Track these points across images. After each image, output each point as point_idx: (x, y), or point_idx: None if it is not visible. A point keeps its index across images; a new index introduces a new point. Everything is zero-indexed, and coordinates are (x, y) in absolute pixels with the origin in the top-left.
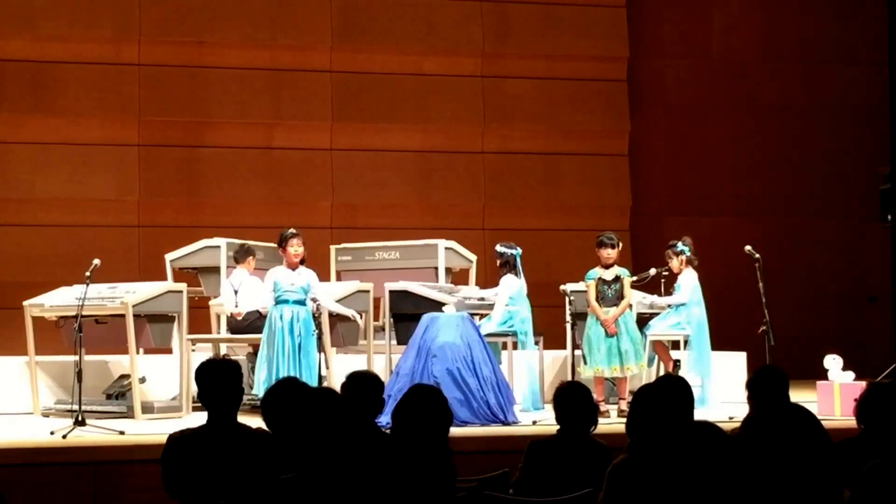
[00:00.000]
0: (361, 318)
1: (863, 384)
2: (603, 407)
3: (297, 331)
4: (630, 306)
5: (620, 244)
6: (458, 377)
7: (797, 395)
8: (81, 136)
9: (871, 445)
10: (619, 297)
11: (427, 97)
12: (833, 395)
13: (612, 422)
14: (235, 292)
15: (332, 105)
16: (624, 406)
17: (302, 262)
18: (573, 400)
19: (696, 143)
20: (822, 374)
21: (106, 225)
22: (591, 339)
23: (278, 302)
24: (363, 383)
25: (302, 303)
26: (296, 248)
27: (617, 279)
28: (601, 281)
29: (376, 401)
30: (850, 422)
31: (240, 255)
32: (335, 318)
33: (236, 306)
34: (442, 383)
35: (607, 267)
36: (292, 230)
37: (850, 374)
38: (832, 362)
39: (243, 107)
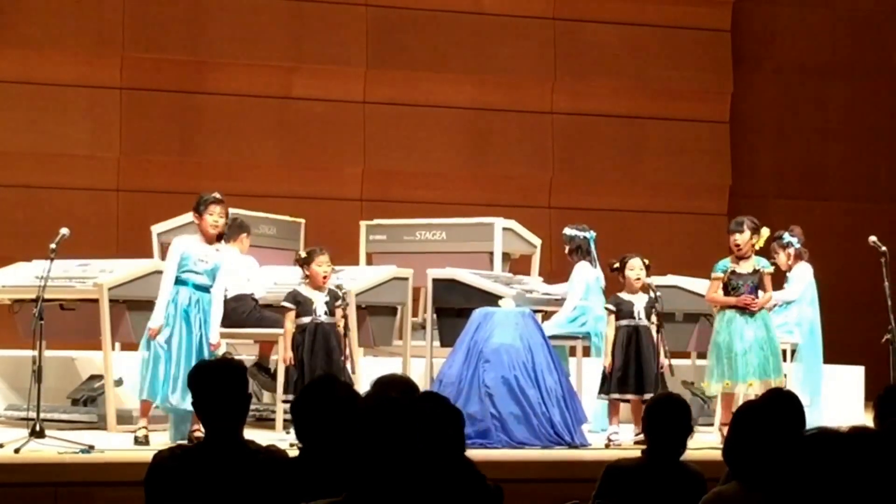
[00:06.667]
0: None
1: None
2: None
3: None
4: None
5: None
6: (515, 387)
7: None
8: (47, 74)
9: None
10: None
11: (485, 41)
12: None
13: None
14: None
15: (367, 47)
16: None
17: (220, 236)
18: (670, 417)
19: (813, 110)
20: None
21: (77, 187)
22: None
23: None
24: (393, 391)
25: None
26: (216, 217)
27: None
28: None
29: None
30: None
31: (230, 231)
32: (364, 311)
33: (225, 296)
34: (495, 395)
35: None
36: (216, 195)
37: None
38: None
39: (255, 45)
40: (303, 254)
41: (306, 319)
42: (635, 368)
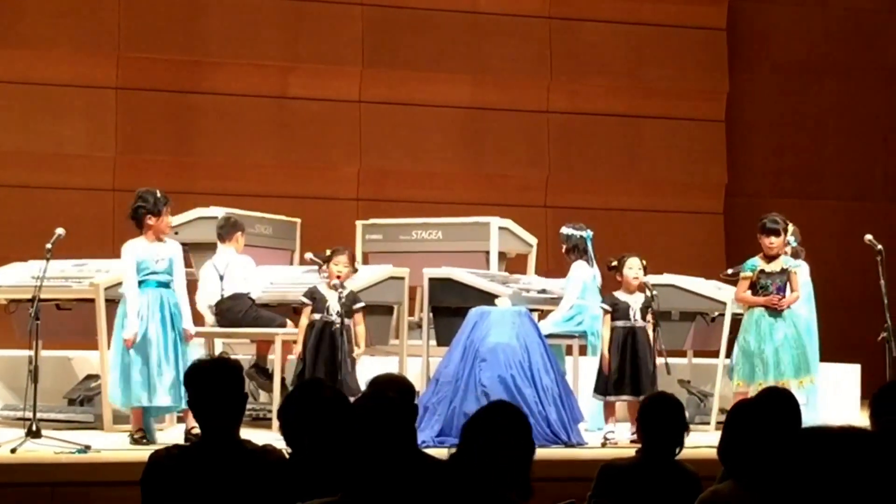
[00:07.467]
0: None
1: None
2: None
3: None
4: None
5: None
6: (511, 386)
7: None
8: (43, 74)
9: None
10: None
11: (481, 40)
12: None
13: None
14: (221, 278)
15: (363, 46)
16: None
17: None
18: (663, 416)
19: (809, 109)
20: None
21: (73, 187)
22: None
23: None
24: (390, 390)
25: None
26: (169, 220)
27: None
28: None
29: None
30: None
31: (225, 231)
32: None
33: (221, 296)
34: (492, 394)
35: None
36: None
37: None
38: None
39: (251, 44)
40: (327, 252)
41: (316, 317)
42: (631, 370)
